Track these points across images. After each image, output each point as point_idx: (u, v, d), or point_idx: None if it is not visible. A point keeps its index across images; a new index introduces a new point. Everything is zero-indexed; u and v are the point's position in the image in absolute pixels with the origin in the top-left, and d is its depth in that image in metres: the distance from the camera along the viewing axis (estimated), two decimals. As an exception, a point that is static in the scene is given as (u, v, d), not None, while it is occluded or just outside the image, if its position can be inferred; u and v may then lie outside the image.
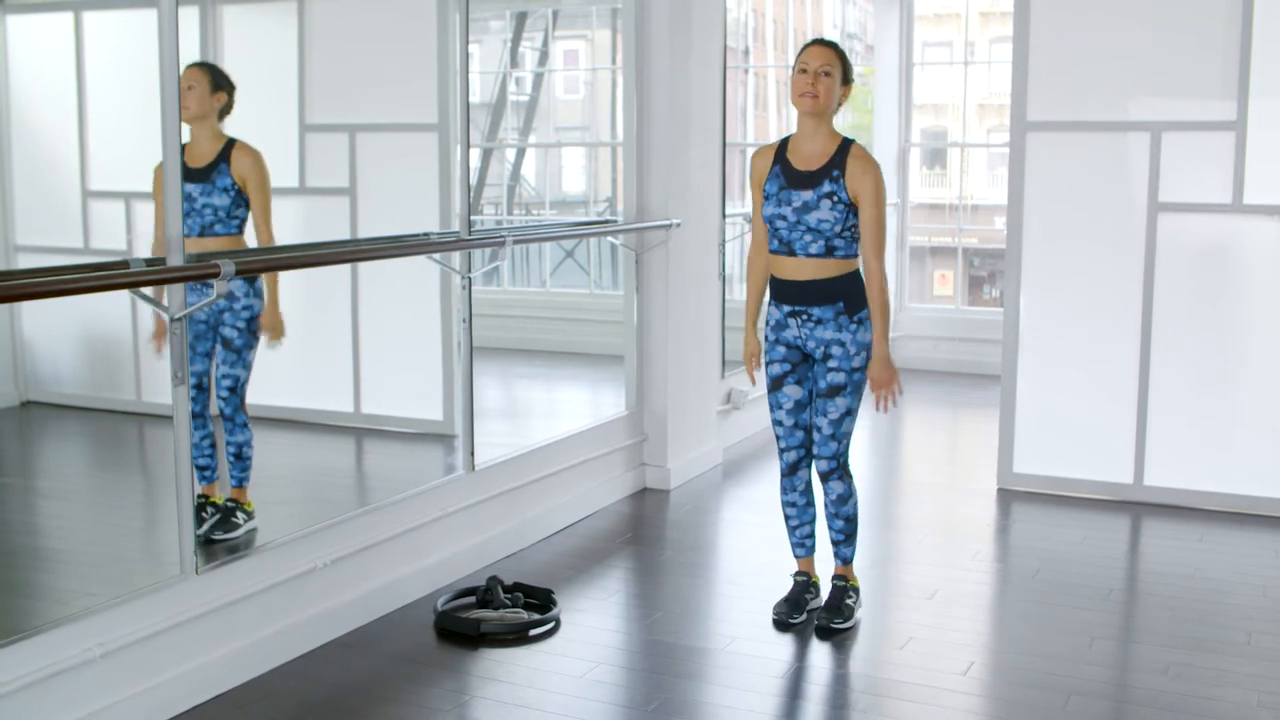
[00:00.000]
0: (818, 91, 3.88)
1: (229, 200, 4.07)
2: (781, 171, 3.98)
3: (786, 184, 3.96)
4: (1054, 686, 3.66)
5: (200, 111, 4.04)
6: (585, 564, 4.77)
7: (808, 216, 3.91)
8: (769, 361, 4.11)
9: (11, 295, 3.16)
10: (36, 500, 4.74)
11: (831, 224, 3.90)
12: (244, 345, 4.22)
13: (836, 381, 3.99)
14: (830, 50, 3.93)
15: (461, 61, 4.75)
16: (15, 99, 4.74)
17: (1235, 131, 5.26)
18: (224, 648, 3.58)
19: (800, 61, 3.92)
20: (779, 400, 4.10)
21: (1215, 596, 4.42)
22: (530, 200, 9.01)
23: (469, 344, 4.74)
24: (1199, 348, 5.43)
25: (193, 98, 4.00)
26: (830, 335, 3.97)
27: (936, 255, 10.65)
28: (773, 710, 3.58)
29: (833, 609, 4.12)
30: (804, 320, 3.99)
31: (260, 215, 4.14)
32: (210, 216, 4.08)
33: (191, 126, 4.04)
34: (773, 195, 3.97)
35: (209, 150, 4.08)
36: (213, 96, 4.08)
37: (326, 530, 4.03)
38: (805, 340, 4.02)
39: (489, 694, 3.62)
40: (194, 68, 4.06)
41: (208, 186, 4.06)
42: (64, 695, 3.13)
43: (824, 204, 3.89)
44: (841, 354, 3.97)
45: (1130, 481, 5.56)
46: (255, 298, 4.23)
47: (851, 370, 3.98)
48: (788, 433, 4.12)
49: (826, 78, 3.89)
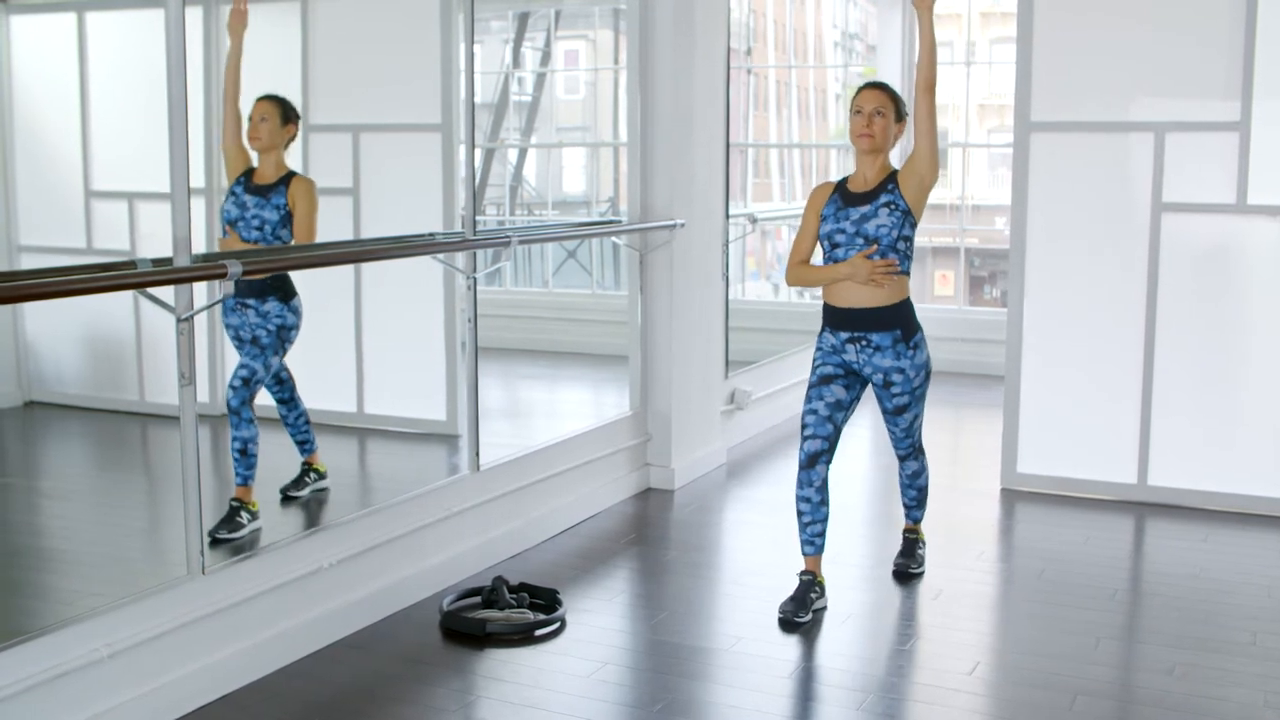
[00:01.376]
0: (873, 132, 4.15)
1: (278, 217, 4.33)
2: (840, 197, 4.23)
3: (844, 205, 4.19)
4: (1060, 686, 3.66)
5: (271, 143, 4.35)
6: (590, 564, 4.77)
7: (866, 226, 4.13)
8: (821, 364, 4.26)
9: (19, 295, 3.17)
10: (40, 500, 4.75)
11: (889, 229, 4.11)
12: (269, 345, 4.34)
13: (902, 403, 4.29)
14: (883, 93, 4.20)
15: (466, 61, 4.76)
16: (19, 99, 4.75)
17: (1239, 132, 5.26)
18: (230, 648, 3.58)
19: (855, 104, 4.20)
20: (821, 394, 4.22)
21: (1220, 597, 4.42)
22: (532, 201, 9.01)
23: (474, 344, 4.74)
24: (1203, 347, 5.43)
25: (265, 130, 4.33)
26: (889, 363, 4.18)
27: (937, 256, 10.67)
28: (779, 710, 3.58)
29: (908, 555, 4.66)
30: (862, 346, 4.18)
31: (302, 232, 4.37)
32: (257, 230, 4.32)
33: (260, 155, 4.36)
34: (830, 215, 4.20)
35: (272, 175, 4.38)
36: (283, 129, 4.39)
37: (332, 530, 4.04)
38: (863, 366, 4.22)
39: (495, 694, 3.62)
40: (267, 101, 4.34)
41: (262, 200, 4.33)
42: (71, 696, 3.13)
43: (882, 212, 4.13)
44: (902, 380, 4.21)
45: (1134, 481, 5.56)
46: (291, 314, 4.39)
47: (914, 389, 4.25)
48: (819, 422, 4.20)
49: (880, 118, 4.16)
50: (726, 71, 6.20)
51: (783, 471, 6.16)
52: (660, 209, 5.68)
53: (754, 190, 9.55)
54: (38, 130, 4.87)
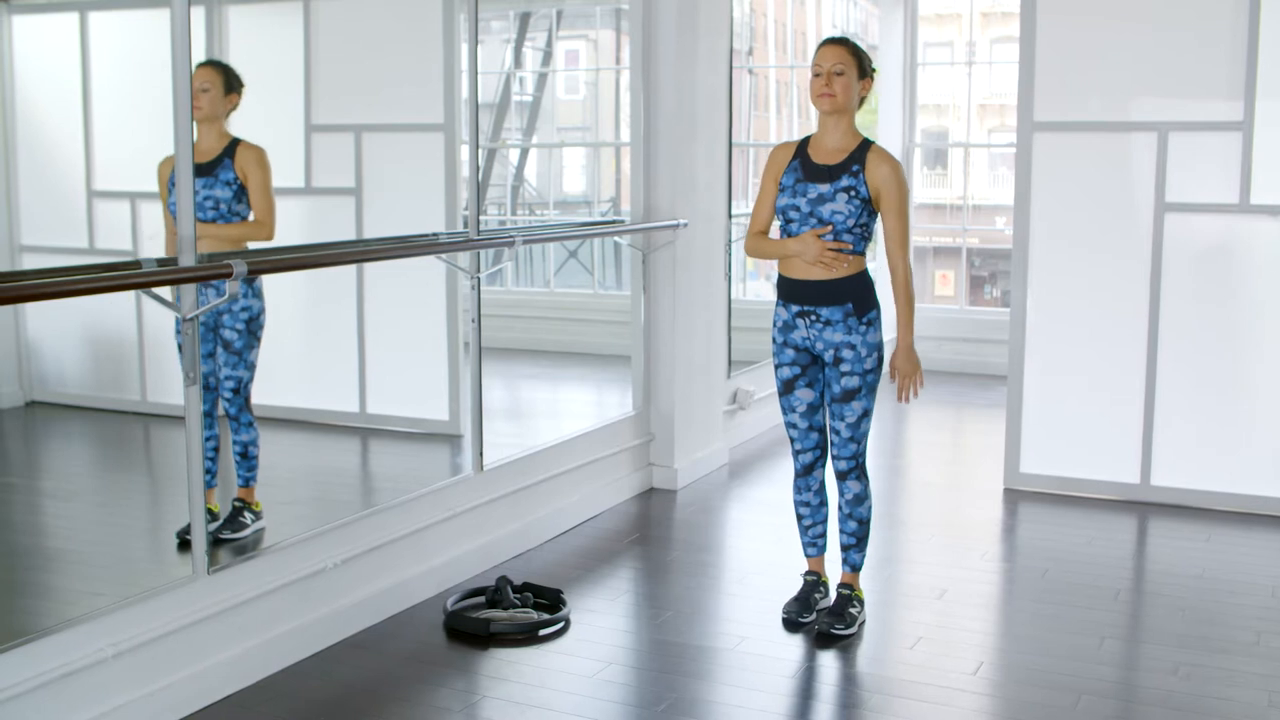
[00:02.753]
0: (834, 90, 3.91)
1: (230, 193, 4.13)
2: (800, 165, 4.00)
3: (804, 177, 3.97)
4: (1064, 686, 3.66)
5: (213, 113, 4.10)
6: (593, 564, 4.77)
7: (821, 209, 3.92)
8: (778, 365, 4.10)
9: (25, 296, 3.15)
10: (42, 500, 4.74)
11: (845, 217, 3.90)
12: (244, 346, 4.23)
13: (851, 385, 3.99)
14: (842, 48, 3.94)
15: (470, 62, 4.75)
16: (21, 99, 4.74)
17: (1242, 132, 5.26)
18: (234, 648, 3.58)
19: (815, 64, 3.95)
20: (791, 404, 4.10)
21: (1224, 597, 4.42)
22: (533, 201, 9.01)
23: (478, 344, 4.73)
24: (1205, 347, 5.43)
25: (206, 99, 4.05)
26: (840, 338, 3.96)
27: (937, 255, 10.67)
28: (784, 710, 3.58)
29: (835, 614, 4.09)
30: (813, 321, 3.98)
31: (260, 204, 4.16)
32: (212, 210, 4.13)
33: (200, 126, 4.07)
34: (788, 187, 3.99)
35: (214, 147, 4.13)
36: (226, 99, 4.14)
37: (336, 530, 4.03)
38: (814, 342, 4.01)
39: (500, 694, 3.62)
40: (209, 68, 4.10)
41: (210, 180, 4.11)
42: (76, 695, 3.13)
43: (840, 197, 3.91)
44: (853, 357, 3.97)
45: (1137, 481, 5.56)
46: (255, 298, 4.23)
47: (865, 372, 3.98)
48: (802, 435, 4.12)
49: (840, 76, 3.91)
50: (729, 71, 6.20)
51: (784, 471, 6.15)
52: (663, 209, 5.68)
53: (754, 190, 9.54)
54: (40, 130, 4.86)
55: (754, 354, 6.95)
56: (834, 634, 4.05)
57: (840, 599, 4.14)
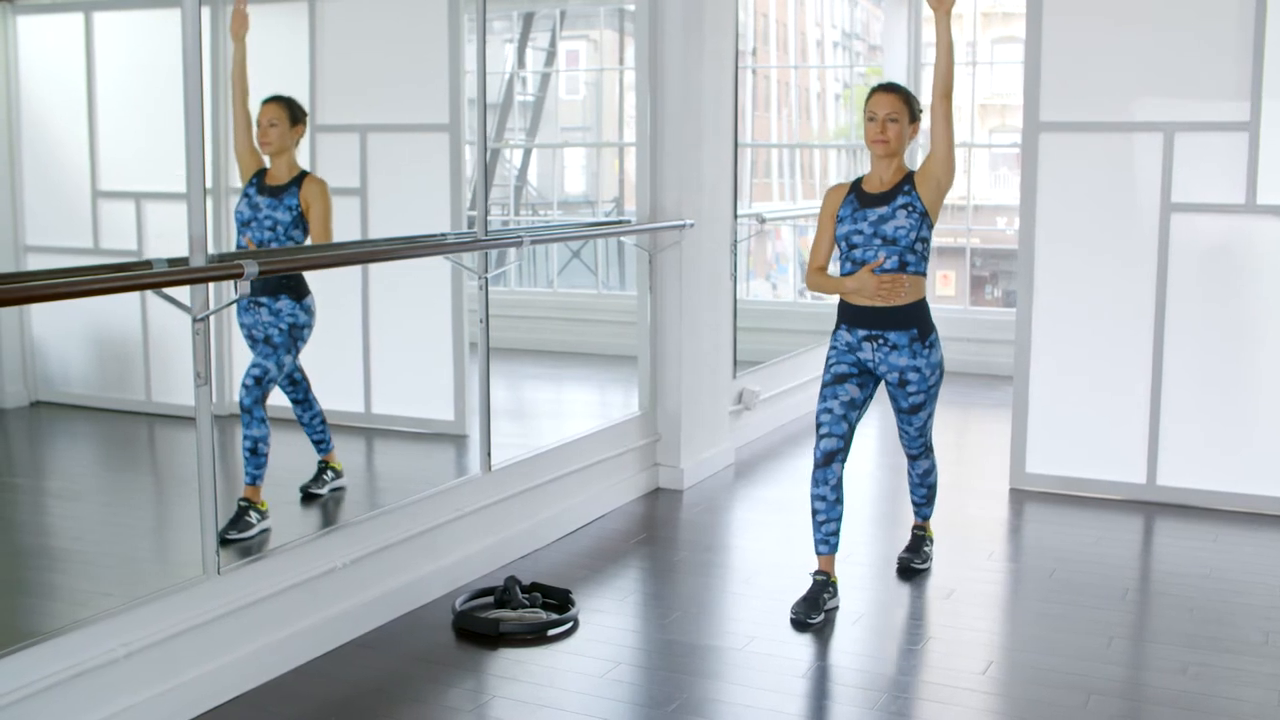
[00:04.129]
0: (888, 138, 4.15)
1: (290, 218, 4.34)
2: (855, 198, 4.24)
3: (860, 206, 4.20)
4: (1074, 686, 3.66)
5: (282, 145, 4.37)
6: (601, 564, 4.77)
7: (884, 227, 4.14)
8: (835, 363, 4.27)
9: (36, 296, 3.15)
10: (47, 500, 4.74)
11: (907, 231, 4.12)
12: (282, 344, 4.34)
13: (917, 402, 4.31)
14: (896, 96, 4.19)
15: (479, 62, 4.75)
16: (26, 99, 4.74)
17: (1248, 132, 5.27)
18: (245, 648, 3.58)
19: (869, 109, 4.19)
20: (835, 393, 4.23)
21: (1231, 596, 4.43)
22: (535, 201, 9.00)
23: (486, 344, 4.73)
24: (1211, 347, 5.43)
25: (275, 134, 4.35)
26: (905, 362, 4.20)
27: (939, 256, 10.66)
28: (795, 710, 3.58)
29: (914, 550, 4.68)
30: (879, 345, 4.20)
31: (319, 234, 4.38)
32: (269, 231, 4.33)
33: (272, 158, 4.36)
34: (847, 217, 4.22)
35: (284, 175, 4.38)
36: (292, 130, 4.40)
37: (345, 530, 4.04)
38: (878, 365, 4.24)
39: (510, 694, 3.62)
40: (275, 104, 4.35)
41: (274, 202, 4.34)
42: (88, 695, 3.13)
43: (900, 214, 4.14)
44: (918, 379, 4.25)
45: (1143, 481, 5.57)
46: (304, 313, 4.38)
47: (928, 388, 4.30)
48: (834, 420, 4.21)
49: (894, 124, 4.16)
50: (735, 71, 6.20)
51: (790, 471, 6.16)
52: (670, 209, 5.68)
53: (755, 190, 9.54)
54: (45, 130, 4.86)
55: (759, 354, 6.96)
56: (914, 567, 4.64)
57: (915, 539, 4.73)
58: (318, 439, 4.62)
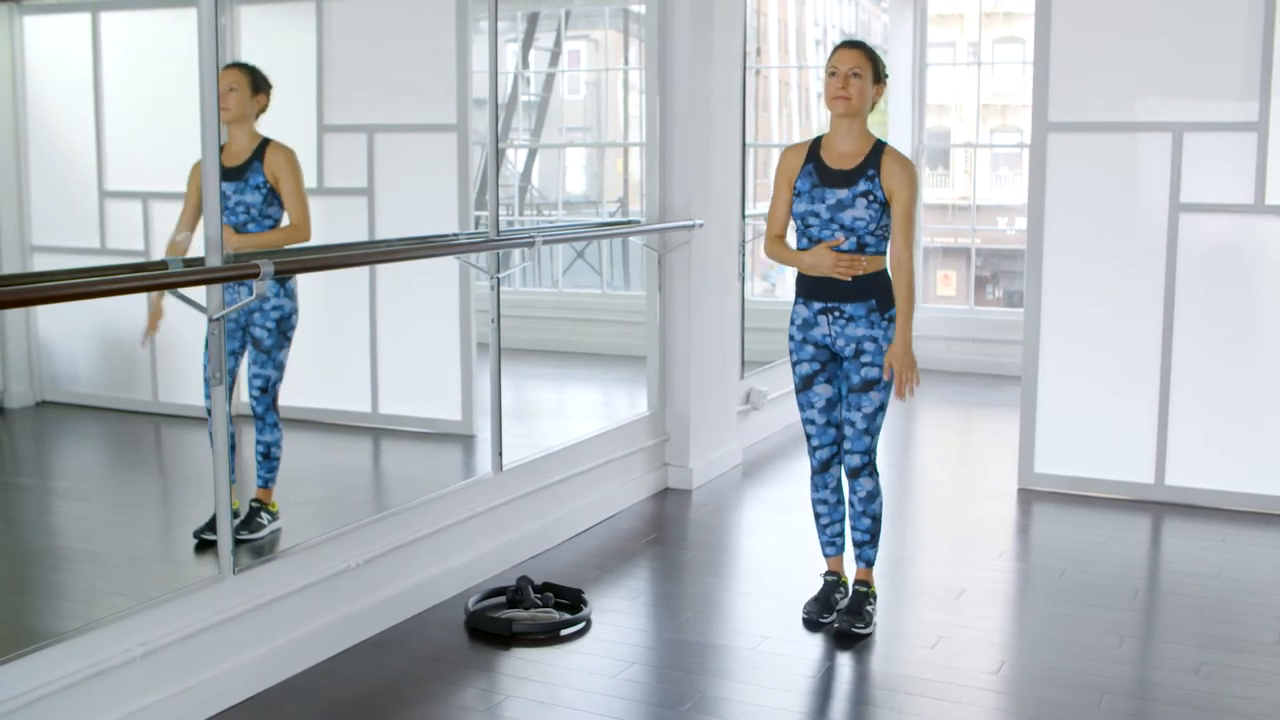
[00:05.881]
0: (850, 94, 3.91)
1: (260, 198, 4.10)
2: (815, 170, 4.00)
3: (820, 182, 3.98)
4: (1086, 686, 3.67)
5: (241, 113, 4.06)
6: (611, 564, 4.77)
7: (842, 215, 3.94)
8: (797, 361, 4.11)
9: (52, 296, 3.14)
10: (54, 501, 4.73)
11: (866, 222, 3.92)
12: (274, 345, 4.22)
13: (871, 376, 4.00)
14: (859, 52, 3.95)
15: (490, 62, 4.75)
16: (33, 99, 4.73)
17: (1257, 132, 5.27)
18: (260, 648, 3.58)
19: (830, 64, 3.95)
20: (810, 399, 4.11)
21: (1242, 596, 4.43)
22: (539, 201, 9.00)
23: (497, 344, 4.73)
24: (1220, 347, 5.44)
25: (234, 100, 4.02)
26: (862, 332, 3.98)
27: (938, 255, 10.67)
28: (808, 709, 3.58)
29: (854, 613, 4.10)
30: (835, 317, 4.00)
31: (294, 208, 4.14)
32: (243, 215, 4.11)
33: (229, 127, 4.07)
34: (805, 193, 3.99)
35: (244, 149, 4.11)
36: (253, 99, 4.11)
37: (358, 530, 4.03)
38: (835, 338, 4.02)
39: (523, 693, 3.62)
40: (235, 69, 4.06)
41: (241, 185, 4.09)
42: (105, 695, 3.13)
43: (859, 202, 3.92)
44: (874, 349, 3.99)
45: (1151, 481, 5.57)
46: (287, 298, 4.23)
47: (884, 365, 3.99)
48: (820, 431, 4.13)
49: (857, 79, 3.92)
50: (743, 72, 6.20)
51: (797, 471, 6.16)
52: (679, 209, 5.68)
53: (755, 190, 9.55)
54: (51, 130, 4.85)
55: (767, 354, 6.96)
56: (854, 633, 4.05)
57: (856, 596, 4.15)
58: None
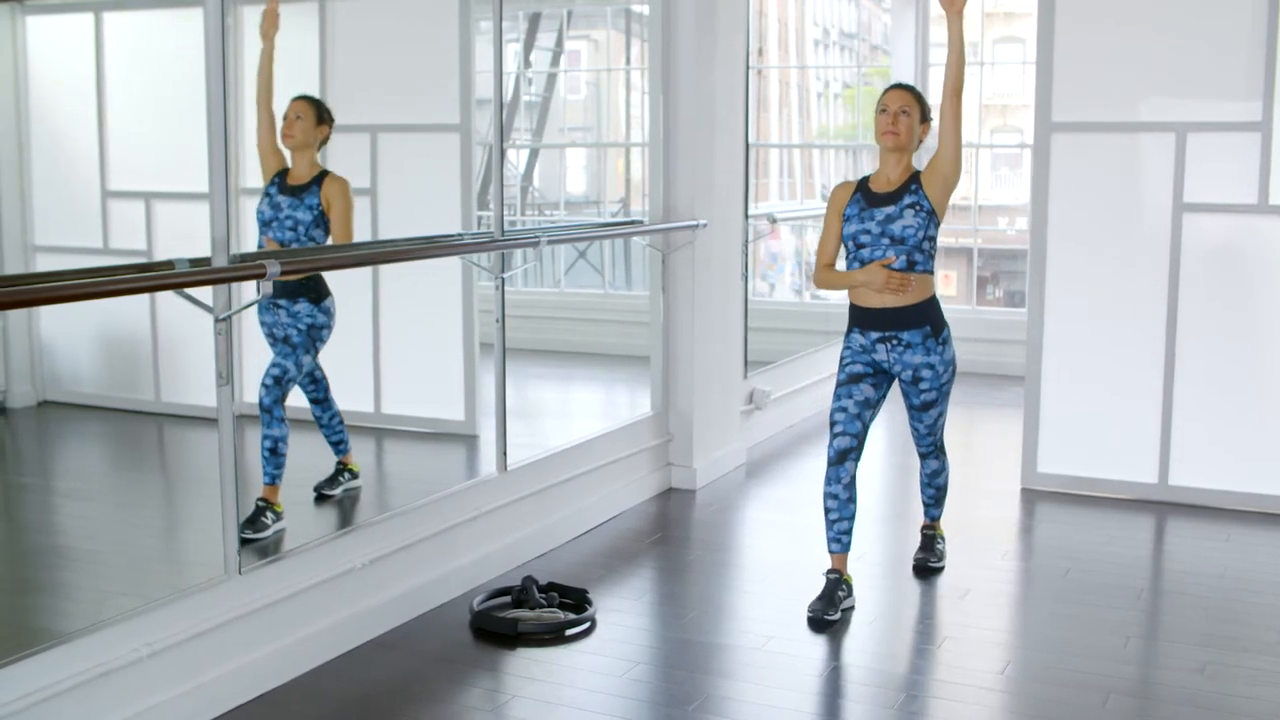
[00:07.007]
0: (899, 129, 4.20)
1: (310, 218, 4.33)
2: (863, 197, 4.27)
3: (868, 205, 4.24)
4: (1092, 685, 3.67)
5: (304, 141, 4.35)
6: (615, 563, 4.78)
7: (892, 226, 4.18)
8: (850, 362, 4.30)
9: (58, 297, 3.14)
10: (57, 500, 4.74)
11: (914, 230, 4.17)
12: (300, 345, 4.35)
13: (929, 399, 4.35)
14: (908, 93, 4.26)
15: (496, 62, 4.75)
16: (36, 99, 4.73)
17: (1261, 132, 5.27)
18: (266, 647, 3.58)
19: (881, 103, 4.26)
20: (850, 392, 4.26)
21: (1245, 596, 4.44)
22: (539, 201, 9.01)
23: (502, 344, 4.74)
24: (1223, 347, 5.44)
25: (299, 128, 4.33)
26: (920, 359, 4.25)
27: (939, 256, 10.68)
28: (815, 709, 3.58)
29: (927, 549, 4.70)
30: (893, 345, 4.24)
31: (340, 232, 4.38)
32: (290, 231, 4.33)
33: (293, 154, 4.35)
34: (854, 216, 4.25)
35: (305, 174, 4.37)
36: (316, 129, 4.39)
37: (364, 530, 4.04)
38: (893, 364, 4.27)
39: (529, 693, 3.62)
40: (303, 100, 4.36)
41: (295, 201, 4.34)
42: (112, 695, 3.13)
43: (907, 213, 4.18)
44: (931, 376, 4.29)
45: (1155, 481, 5.57)
46: (322, 314, 4.40)
47: (941, 385, 4.34)
48: (848, 419, 4.23)
49: (905, 116, 4.21)
50: (746, 72, 6.21)
51: (801, 471, 6.17)
52: (682, 209, 5.69)
53: (755, 190, 9.56)
54: (55, 130, 4.85)
55: (770, 354, 6.96)
56: (930, 566, 4.67)
57: (926, 538, 4.75)
58: (336, 440, 4.62)
